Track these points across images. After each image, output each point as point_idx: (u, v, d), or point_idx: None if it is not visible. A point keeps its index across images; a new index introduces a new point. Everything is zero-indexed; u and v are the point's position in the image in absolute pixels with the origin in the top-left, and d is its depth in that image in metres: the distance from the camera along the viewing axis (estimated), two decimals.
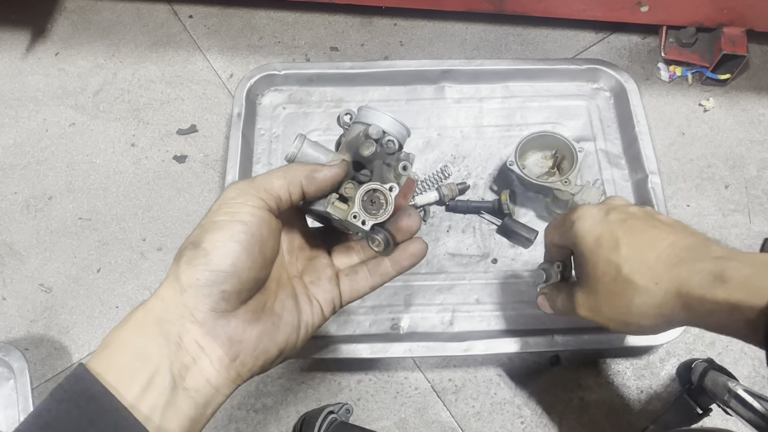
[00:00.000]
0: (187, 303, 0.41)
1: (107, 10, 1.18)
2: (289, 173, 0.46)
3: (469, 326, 0.86)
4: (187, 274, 0.42)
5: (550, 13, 1.07)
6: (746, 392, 0.70)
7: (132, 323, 0.42)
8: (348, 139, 0.51)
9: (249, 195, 0.44)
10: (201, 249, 0.42)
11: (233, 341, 0.43)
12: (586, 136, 1.00)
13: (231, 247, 0.42)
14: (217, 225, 0.43)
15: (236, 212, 0.44)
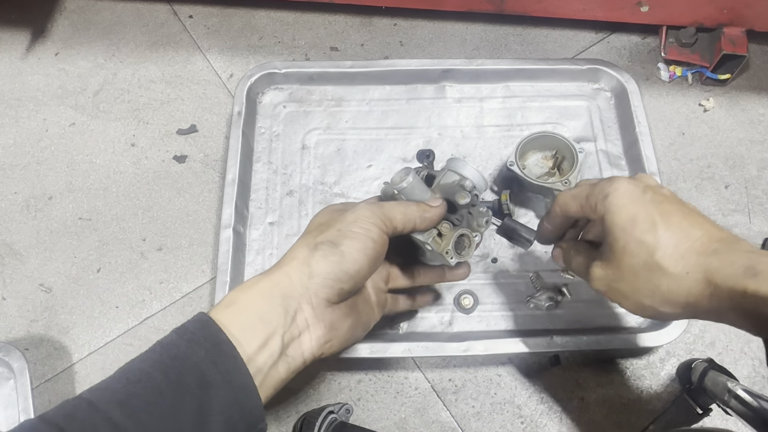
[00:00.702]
0: (311, 287, 0.51)
1: (107, 10, 1.18)
2: (408, 211, 0.58)
3: (469, 326, 0.86)
4: (321, 264, 0.52)
5: (550, 13, 1.07)
6: (746, 392, 0.70)
7: (258, 290, 0.51)
8: (442, 182, 0.65)
9: (379, 219, 0.55)
10: (338, 249, 0.53)
11: (332, 327, 0.54)
12: (586, 136, 1.00)
13: (361, 257, 0.53)
14: (355, 235, 0.54)
15: (369, 230, 0.54)
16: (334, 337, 0.54)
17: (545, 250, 0.92)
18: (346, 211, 0.56)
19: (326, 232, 0.54)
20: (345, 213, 0.55)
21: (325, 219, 0.57)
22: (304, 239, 0.54)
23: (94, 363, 0.89)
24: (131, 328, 0.92)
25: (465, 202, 0.60)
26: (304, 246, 0.53)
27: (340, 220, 0.55)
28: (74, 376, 0.88)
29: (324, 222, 0.57)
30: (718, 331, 0.90)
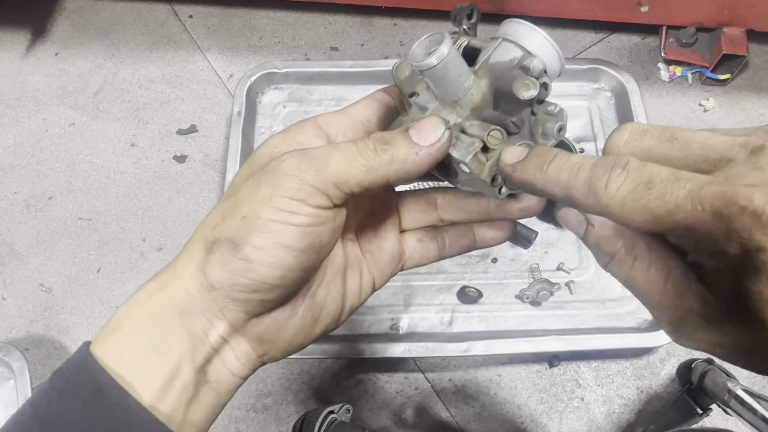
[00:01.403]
0: (217, 300, 0.35)
1: (107, 10, 1.18)
2: (373, 160, 0.33)
3: (469, 326, 0.86)
4: (220, 275, 0.34)
5: (550, 13, 1.07)
6: (746, 392, 0.70)
7: (148, 309, 0.35)
8: (493, 61, 0.37)
9: (313, 191, 0.32)
10: (240, 252, 0.33)
11: (264, 341, 0.37)
12: (586, 136, 1.00)
13: (281, 257, 0.33)
14: (266, 226, 0.32)
15: (292, 212, 0.32)
16: (272, 349, 0.38)
17: (545, 250, 0.92)
18: (267, 173, 0.34)
19: (229, 217, 0.34)
20: (263, 176, 0.34)
21: (238, 181, 0.36)
22: (205, 225, 0.36)
23: None
24: None
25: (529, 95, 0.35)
26: (200, 241, 0.35)
27: (252, 192, 0.34)
28: None
29: (236, 187, 0.36)
30: None
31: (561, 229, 0.93)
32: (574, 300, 0.88)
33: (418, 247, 0.42)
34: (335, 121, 0.39)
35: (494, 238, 0.41)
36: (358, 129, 0.39)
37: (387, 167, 0.33)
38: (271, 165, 0.34)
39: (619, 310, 0.87)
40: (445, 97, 0.36)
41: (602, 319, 0.86)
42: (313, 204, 0.33)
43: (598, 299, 0.88)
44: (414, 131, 0.34)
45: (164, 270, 0.36)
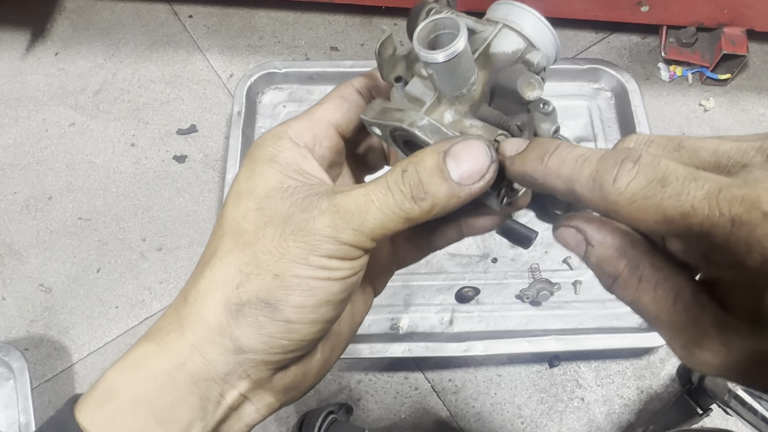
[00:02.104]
0: (244, 363, 0.31)
1: (107, 10, 1.18)
2: (412, 212, 0.30)
3: (469, 326, 0.86)
4: (253, 339, 0.30)
5: (550, 12, 1.06)
6: (746, 392, 0.70)
7: (152, 376, 0.31)
8: (494, 51, 0.33)
9: (352, 249, 0.30)
10: (279, 314, 0.30)
11: (289, 389, 0.35)
12: (587, 136, 1.00)
13: (322, 313, 0.31)
14: (306, 284, 0.30)
15: (333, 268, 0.30)
16: (296, 395, 0.36)
17: (545, 250, 0.92)
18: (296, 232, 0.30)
19: (254, 277, 0.30)
20: (291, 234, 0.30)
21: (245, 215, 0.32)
22: (217, 282, 0.31)
23: (93, 363, 0.89)
24: (131, 328, 0.92)
25: (534, 96, 0.31)
26: (218, 302, 0.31)
27: (279, 248, 0.30)
28: (74, 376, 0.88)
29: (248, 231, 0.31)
30: None
31: None
32: (574, 300, 0.88)
33: (409, 246, 0.40)
34: (307, 131, 0.35)
35: (483, 226, 0.38)
36: (332, 136, 0.36)
37: (426, 215, 0.30)
38: (298, 221, 0.30)
39: (619, 310, 0.87)
40: (446, 92, 0.32)
41: (602, 319, 0.86)
42: (352, 257, 0.31)
43: (598, 299, 0.88)
44: (454, 165, 0.29)
45: (163, 328, 0.32)
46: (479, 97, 0.33)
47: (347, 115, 0.36)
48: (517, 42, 0.33)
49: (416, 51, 0.30)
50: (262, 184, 0.32)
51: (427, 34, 0.31)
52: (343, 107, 0.36)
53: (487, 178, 0.29)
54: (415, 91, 0.33)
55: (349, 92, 0.36)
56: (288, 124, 0.35)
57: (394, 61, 0.34)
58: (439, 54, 0.29)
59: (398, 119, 0.32)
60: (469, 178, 0.29)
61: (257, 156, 0.34)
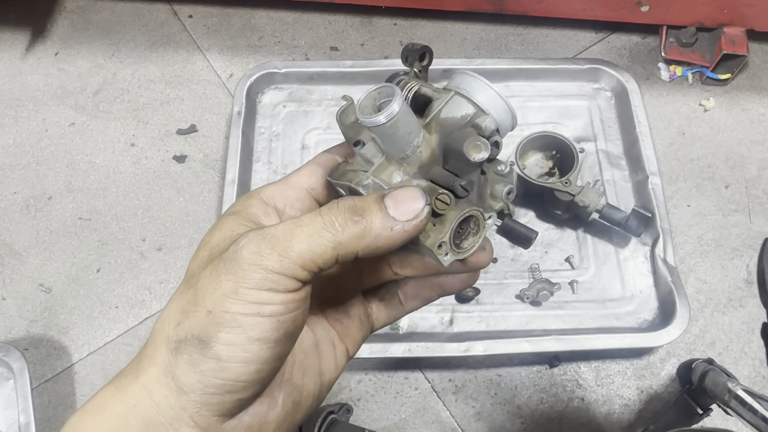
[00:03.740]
0: (187, 406, 0.31)
1: (107, 10, 1.18)
2: (341, 234, 0.30)
3: (469, 326, 0.86)
4: (190, 378, 0.31)
5: (550, 12, 1.07)
6: (746, 392, 0.70)
7: (107, 419, 0.31)
8: (444, 116, 0.35)
9: (280, 278, 0.30)
10: (211, 351, 0.30)
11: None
12: (586, 136, 1.00)
13: (255, 352, 0.30)
14: (235, 320, 0.30)
15: (263, 303, 0.30)
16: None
17: (545, 250, 0.92)
18: (227, 262, 0.31)
19: (191, 313, 0.31)
20: (223, 266, 0.31)
21: (195, 269, 0.33)
22: (164, 323, 0.32)
23: (93, 363, 0.89)
24: (131, 328, 0.92)
25: (480, 158, 0.33)
26: (163, 342, 0.31)
27: (213, 284, 0.31)
28: (74, 376, 0.88)
29: (194, 276, 0.33)
30: (718, 331, 0.90)
31: (561, 229, 0.93)
32: (574, 300, 0.88)
33: (383, 306, 0.40)
34: (280, 193, 0.36)
35: (452, 285, 0.39)
36: (305, 198, 0.36)
37: (357, 242, 0.30)
38: (229, 253, 0.30)
39: (619, 310, 0.87)
40: (392, 154, 0.34)
41: (602, 319, 0.86)
42: (283, 290, 0.30)
43: (598, 299, 0.88)
44: (390, 201, 0.31)
45: (123, 373, 0.32)
46: (428, 159, 0.34)
47: (321, 180, 0.36)
48: (466, 108, 0.35)
49: (357, 116, 0.33)
50: (217, 234, 0.33)
51: (371, 101, 0.34)
52: (318, 173, 0.36)
53: (421, 217, 0.31)
54: (368, 153, 0.34)
55: (325, 159, 0.37)
56: (263, 188, 0.36)
57: (358, 127, 0.35)
58: (377, 117, 0.32)
59: (349, 179, 0.34)
60: (403, 215, 0.30)
61: (224, 214, 0.35)
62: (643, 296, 0.88)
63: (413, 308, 0.41)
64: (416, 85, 0.37)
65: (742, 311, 0.90)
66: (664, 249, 0.87)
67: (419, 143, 0.34)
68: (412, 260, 0.38)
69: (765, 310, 0.90)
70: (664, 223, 0.88)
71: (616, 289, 0.88)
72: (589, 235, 0.92)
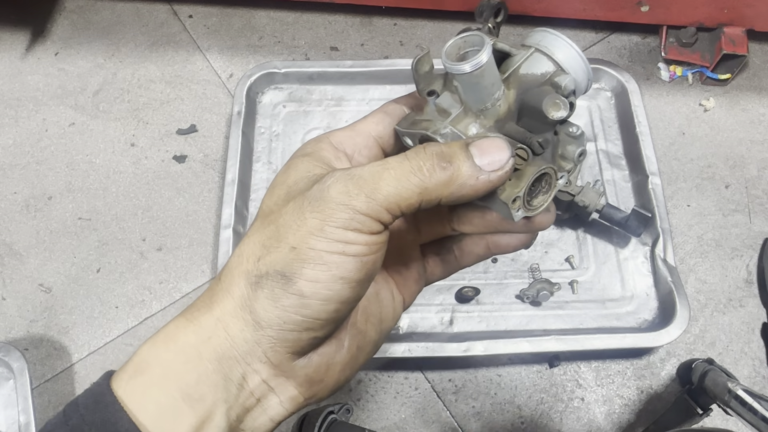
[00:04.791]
0: (261, 341, 0.31)
1: (107, 10, 1.18)
2: (428, 180, 0.30)
3: (469, 326, 0.86)
4: (270, 312, 0.31)
5: (550, 12, 1.07)
6: (746, 392, 0.70)
7: (179, 350, 0.31)
8: (524, 72, 0.35)
9: (366, 219, 0.30)
10: (294, 287, 0.30)
11: (313, 381, 0.34)
12: (587, 136, 0.99)
13: (337, 290, 0.31)
14: (321, 257, 0.30)
15: (348, 242, 0.30)
16: (321, 390, 0.35)
17: (545, 250, 0.92)
18: (313, 201, 0.31)
19: (273, 248, 0.31)
20: (308, 204, 0.31)
21: (272, 206, 0.33)
22: (242, 257, 0.32)
23: (93, 363, 0.89)
24: (131, 328, 0.92)
25: (558, 116, 0.33)
26: (242, 276, 0.32)
27: (297, 220, 0.31)
28: (74, 377, 0.88)
29: (271, 213, 0.33)
30: (718, 331, 0.90)
31: (561, 229, 0.93)
32: (574, 300, 0.88)
33: (438, 260, 0.40)
34: (348, 139, 0.36)
35: (509, 244, 0.39)
36: (372, 146, 0.36)
37: (443, 189, 0.30)
38: (315, 191, 0.31)
39: (619, 310, 0.87)
40: (471, 105, 0.34)
41: (602, 319, 0.86)
42: (367, 231, 0.30)
43: (598, 299, 0.88)
44: (476, 150, 0.31)
45: (195, 305, 0.33)
46: (505, 114, 0.34)
47: (388, 129, 0.36)
48: (547, 65, 0.35)
49: (442, 62, 0.32)
50: (293, 174, 0.34)
51: (455, 50, 0.33)
52: (385, 121, 0.36)
53: (506, 168, 0.31)
54: (444, 103, 0.34)
55: (392, 108, 0.37)
56: (331, 132, 0.36)
57: (431, 78, 0.35)
58: (464, 65, 0.31)
59: (424, 128, 0.34)
60: (489, 164, 0.30)
61: (295, 155, 0.35)
62: (643, 296, 0.88)
63: (467, 264, 0.41)
64: (491, 41, 0.35)
65: (742, 311, 0.90)
66: (664, 249, 0.87)
67: (499, 96, 0.34)
68: (472, 216, 0.37)
69: (765, 310, 0.90)
70: (664, 223, 0.88)
71: (616, 289, 0.88)
72: (589, 235, 0.92)
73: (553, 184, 0.35)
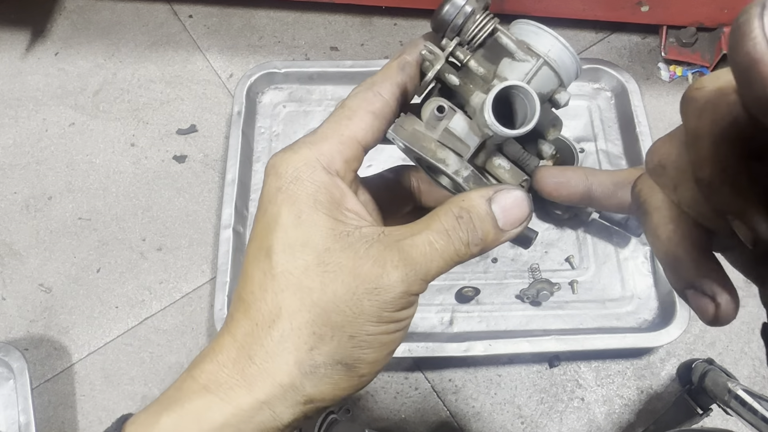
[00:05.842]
0: (309, 410, 0.32)
1: (107, 10, 1.18)
2: (465, 256, 0.32)
3: (469, 326, 0.86)
4: (327, 394, 0.31)
5: (550, 12, 1.07)
6: (746, 392, 0.70)
7: (217, 428, 0.30)
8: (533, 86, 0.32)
9: (415, 297, 0.32)
10: (355, 371, 0.31)
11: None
12: (586, 136, 1.00)
13: (386, 362, 0.32)
14: (378, 341, 0.31)
15: (401, 319, 0.31)
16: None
17: (545, 250, 0.92)
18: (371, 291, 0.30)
19: (328, 339, 0.30)
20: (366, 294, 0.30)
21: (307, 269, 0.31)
22: (289, 347, 0.30)
23: (93, 363, 0.89)
24: (131, 328, 0.92)
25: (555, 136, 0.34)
26: (292, 364, 0.30)
27: (354, 308, 0.30)
28: (74, 377, 0.88)
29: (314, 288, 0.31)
30: (718, 332, 0.90)
31: (561, 229, 0.93)
32: (574, 300, 0.88)
33: None
34: (338, 155, 0.33)
35: None
36: (359, 157, 0.34)
37: (473, 257, 0.32)
38: (372, 278, 0.30)
39: (619, 310, 0.87)
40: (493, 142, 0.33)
41: (602, 319, 0.86)
42: (413, 304, 0.32)
43: (598, 299, 0.88)
44: (499, 211, 0.32)
45: (227, 383, 0.31)
46: None
47: (377, 134, 0.34)
48: (553, 82, 0.33)
49: (487, 121, 0.30)
50: (316, 234, 0.31)
51: (498, 96, 0.31)
52: (375, 126, 0.34)
53: (526, 224, 0.33)
54: (459, 130, 0.32)
55: (380, 107, 0.34)
56: (318, 147, 0.32)
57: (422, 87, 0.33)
58: (516, 131, 0.30)
59: (441, 160, 0.32)
60: (511, 224, 0.32)
61: (298, 195, 0.31)
62: (643, 296, 0.88)
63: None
64: (490, 23, 0.33)
65: (742, 311, 0.90)
66: None
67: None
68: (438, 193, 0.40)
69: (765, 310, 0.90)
70: None
71: (616, 289, 0.88)
72: (589, 235, 0.92)
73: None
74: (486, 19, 0.33)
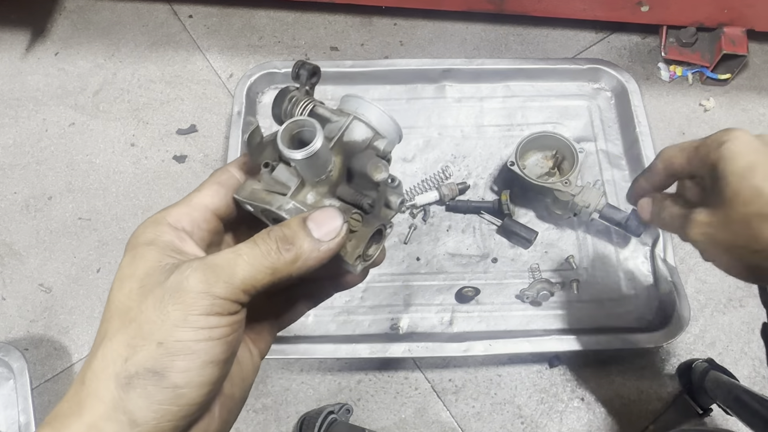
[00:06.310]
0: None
1: (107, 10, 1.18)
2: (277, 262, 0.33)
3: (469, 326, 0.86)
4: (145, 410, 0.31)
5: (550, 12, 1.07)
6: (746, 392, 0.70)
7: None
8: (347, 139, 0.39)
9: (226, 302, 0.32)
10: (166, 381, 0.31)
11: None
12: (586, 136, 1.00)
13: (208, 374, 0.32)
14: (188, 348, 0.31)
15: (212, 326, 0.32)
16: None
17: (545, 250, 0.92)
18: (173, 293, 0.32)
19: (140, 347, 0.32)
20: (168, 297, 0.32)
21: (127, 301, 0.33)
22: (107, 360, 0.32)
23: None
24: None
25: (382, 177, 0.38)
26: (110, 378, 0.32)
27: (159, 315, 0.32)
28: (74, 376, 0.88)
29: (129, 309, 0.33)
30: (718, 331, 0.90)
31: (561, 229, 0.93)
32: (574, 300, 0.88)
33: (288, 306, 0.43)
34: (185, 216, 0.37)
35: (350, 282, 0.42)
36: (211, 219, 0.38)
37: (291, 266, 0.33)
38: (173, 283, 0.32)
39: (619, 310, 0.87)
40: (308, 179, 0.38)
41: (602, 319, 0.86)
42: (227, 313, 0.32)
43: (598, 299, 0.88)
44: (313, 224, 0.34)
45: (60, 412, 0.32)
46: (337, 179, 0.38)
47: (224, 200, 0.38)
48: (365, 132, 0.39)
49: (281, 149, 0.36)
50: (142, 265, 0.34)
51: (290, 133, 0.38)
52: (220, 192, 0.38)
53: (342, 234, 0.34)
54: (281, 176, 0.38)
55: (225, 178, 0.39)
56: (167, 210, 0.37)
57: (262, 148, 0.38)
58: (299, 153, 0.35)
59: (268, 202, 0.37)
60: (326, 234, 0.34)
61: (138, 242, 0.35)
62: (643, 296, 0.88)
63: (315, 305, 0.44)
64: (310, 104, 0.41)
65: (742, 311, 0.90)
66: (664, 249, 0.87)
67: (332, 168, 0.38)
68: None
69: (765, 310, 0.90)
70: None
71: (616, 289, 0.88)
72: (589, 235, 0.92)
73: (384, 234, 0.40)
74: (307, 102, 0.40)
